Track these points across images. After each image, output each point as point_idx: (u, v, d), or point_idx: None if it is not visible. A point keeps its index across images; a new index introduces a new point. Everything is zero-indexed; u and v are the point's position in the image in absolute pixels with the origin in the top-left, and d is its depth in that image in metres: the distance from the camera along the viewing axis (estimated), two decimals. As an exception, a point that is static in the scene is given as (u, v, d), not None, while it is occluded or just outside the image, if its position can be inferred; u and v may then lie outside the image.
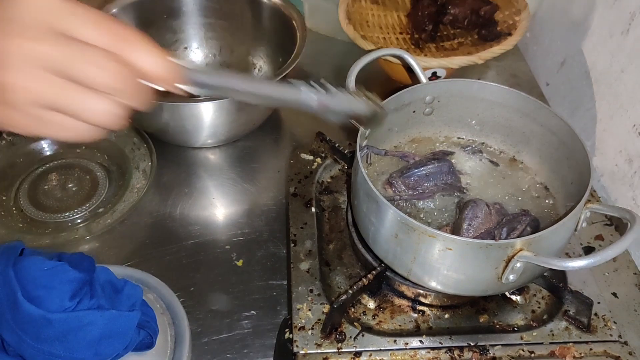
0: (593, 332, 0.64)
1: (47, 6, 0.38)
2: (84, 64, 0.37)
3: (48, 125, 0.38)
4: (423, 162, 0.70)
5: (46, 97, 0.37)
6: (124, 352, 0.57)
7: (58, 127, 0.39)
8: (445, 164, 0.70)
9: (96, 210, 0.80)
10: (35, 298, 0.52)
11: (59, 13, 0.38)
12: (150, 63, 0.40)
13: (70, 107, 0.38)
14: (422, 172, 0.69)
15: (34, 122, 0.38)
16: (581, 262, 0.52)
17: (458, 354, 0.62)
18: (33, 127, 0.38)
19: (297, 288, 0.66)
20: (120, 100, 0.39)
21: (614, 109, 0.85)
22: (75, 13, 0.38)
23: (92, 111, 0.39)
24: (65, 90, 0.38)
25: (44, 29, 0.37)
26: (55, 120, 0.38)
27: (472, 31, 1.00)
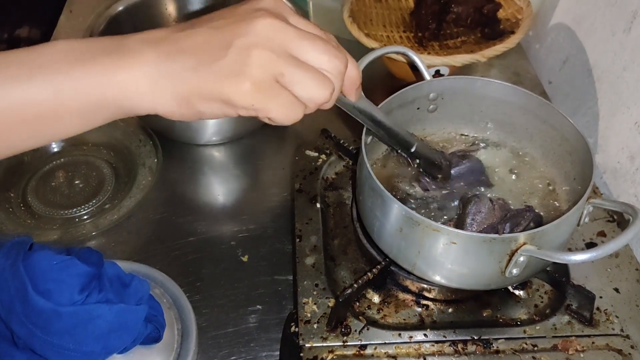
0: (595, 326, 0.64)
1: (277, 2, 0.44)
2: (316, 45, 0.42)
3: (273, 99, 0.41)
4: (455, 162, 0.71)
5: (283, 68, 0.41)
6: (132, 346, 0.57)
7: (282, 101, 0.42)
8: (477, 163, 0.71)
9: (103, 207, 0.81)
10: (45, 291, 0.53)
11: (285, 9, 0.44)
12: (354, 68, 0.46)
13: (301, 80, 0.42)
14: (456, 172, 0.70)
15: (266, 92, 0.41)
16: (584, 256, 0.53)
17: (462, 347, 0.63)
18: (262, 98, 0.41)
19: (302, 282, 0.67)
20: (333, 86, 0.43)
21: (616, 107, 0.86)
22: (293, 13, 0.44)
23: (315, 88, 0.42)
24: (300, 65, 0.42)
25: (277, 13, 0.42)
26: (282, 95, 0.42)
27: (475, 29, 1.00)
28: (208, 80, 0.40)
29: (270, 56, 0.40)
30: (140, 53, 0.40)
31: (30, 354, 0.54)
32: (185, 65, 0.40)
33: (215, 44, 0.40)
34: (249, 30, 0.40)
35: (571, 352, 0.62)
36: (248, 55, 0.40)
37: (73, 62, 0.40)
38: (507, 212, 0.67)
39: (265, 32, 0.40)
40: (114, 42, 0.41)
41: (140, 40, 0.41)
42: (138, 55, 0.40)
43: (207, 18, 0.43)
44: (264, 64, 0.40)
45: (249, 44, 0.40)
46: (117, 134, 0.89)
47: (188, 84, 0.40)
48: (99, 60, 0.40)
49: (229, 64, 0.40)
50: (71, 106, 0.40)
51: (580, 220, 0.62)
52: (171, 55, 0.40)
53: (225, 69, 0.40)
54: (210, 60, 0.40)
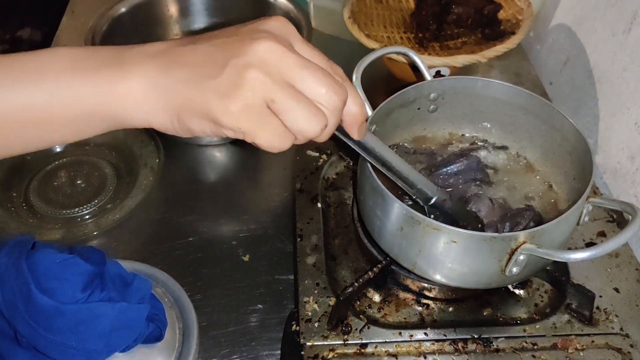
0: (595, 325, 0.65)
1: (285, 25, 0.43)
2: (315, 75, 0.41)
3: (261, 125, 0.40)
4: (452, 160, 0.71)
5: (276, 94, 0.39)
6: (134, 344, 0.58)
7: (270, 128, 0.40)
8: (474, 161, 0.71)
9: (105, 206, 0.81)
10: (47, 290, 0.53)
11: (292, 32, 0.43)
12: (357, 105, 0.44)
13: (292, 109, 0.40)
14: (451, 169, 0.70)
15: (255, 116, 0.40)
16: (584, 254, 0.53)
17: (462, 345, 0.63)
18: (250, 122, 0.40)
19: (303, 281, 0.67)
20: (326, 122, 0.42)
21: (616, 107, 0.86)
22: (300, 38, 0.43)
23: (306, 120, 0.41)
24: (294, 94, 0.40)
25: (282, 37, 0.41)
26: (271, 122, 0.40)
27: (475, 30, 1.00)
28: (198, 96, 0.40)
29: (264, 80, 0.39)
30: (140, 65, 0.40)
31: (33, 352, 0.54)
32: (179, 79, 0.40)
33: (213, 61, 0.40)
34: (248, 51, 0.39)
35: (571, 351, 0.63)
36: (242, 76, 0.39)
37: (72, 71, 0.40)
38: (507, 212, 0.67)
39: (264, 55, 0.39)
40: (115, 53, 0.41)
41: (141, 52, 0.41)
42: (137, 68, 0.40)
43: (210, 35, 0.43)
44: (256, 87, 0.39)
45: (245, 64, 0.39)
46: (119, 134, 0.90)
47: (179, 98, 0.40)
48: (99, 70, 0.40)
49: (221, 83, 0.39)
50: (66, 114, 0.41)
51: (580, 219, 0.63)
52: (169, 69, 0.40)
53: (217, 87, 0.39)
54: (204, 77, 0.40)
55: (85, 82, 0.40)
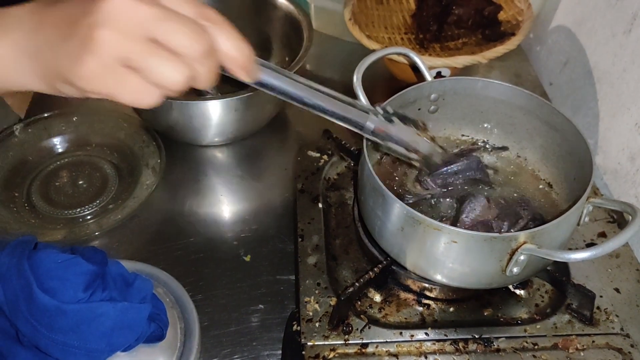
0: (595, 325, 0.65)
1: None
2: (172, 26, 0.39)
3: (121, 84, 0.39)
4: (452, 160, 0.71)
5: (129, 52, 0.38)
6: (135, 344, 0.58)
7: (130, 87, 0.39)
8: (474, 160, 0.71)
9: (106, 207, 0.81)
10: (49, 289, 0.53)
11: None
12: (234, 47, 0.42)
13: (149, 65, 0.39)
14: (451, 169, 0.70)
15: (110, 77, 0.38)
16: (584, 254, 0.53)
17: (463, 345, 0.63)
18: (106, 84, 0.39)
19: (304, 281, 0.68)
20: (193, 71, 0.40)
21: (616, 108, 0.86)
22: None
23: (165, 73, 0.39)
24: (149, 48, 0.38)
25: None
26: (129, 80, 0.39)
27: (476, 31, 1.01)
28: (53, 60, 0.39)
29: (115, 38, 0.37)
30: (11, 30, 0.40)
31: (34, 351, 0.55)
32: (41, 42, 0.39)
33: (66, 22, 0.38)
34: (97, 9, 0.37)
35: (571, 351, 0.63)
36: (90, 37, 0.37)
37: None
38: (504, 210, 0.67)
39: (114, 11, 0.37)
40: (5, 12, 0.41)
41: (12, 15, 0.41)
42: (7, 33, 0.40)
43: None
44: (106, 47, 0.37)
45: (94, 23, 0.37)
46: (121, 134, 0.90)
47: (43, 61, 0.40)
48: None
49: (71, 45, 0.38)
50: None
51: (580, 219, 0.63)
52: (35, 32, 0.40)
53: (68, 49, 0.38)
54: (58, 40, 0.38)
55: None
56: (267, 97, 0.85)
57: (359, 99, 0.70)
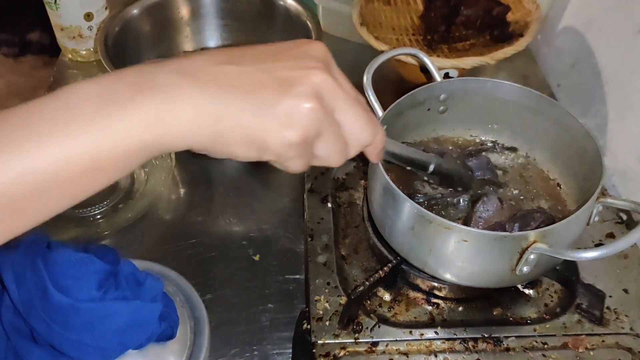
0: (605, 324, 0.65)
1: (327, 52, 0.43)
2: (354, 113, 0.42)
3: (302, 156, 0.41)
4: (461, 160, 0.72)
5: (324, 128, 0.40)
6: (147, 342, 0.58)
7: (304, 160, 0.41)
8: (483, 160, 0.72)
9: (117, 206, 0.82)
10: (63, 287, 0.53)
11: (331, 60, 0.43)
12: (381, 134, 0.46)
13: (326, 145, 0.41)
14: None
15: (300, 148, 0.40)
16: (594, 253, 0.54)
17: (472, 344, 0.63)
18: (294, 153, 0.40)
19: (314, 280, 0.68)
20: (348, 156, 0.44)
21: (624, 109, 0.86)
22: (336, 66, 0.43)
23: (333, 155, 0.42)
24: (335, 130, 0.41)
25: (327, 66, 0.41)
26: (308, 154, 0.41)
27: (484, 32, 1.01)
28: (257, 124, 0.38)
29: (321, 114, 0.39)
30: (178, 87, 0.37)
31: (48, 349, 0.55)
32: (231, 105, 0.38)
33: (267, 88, 0.38)
34: (306, 81, 0.39)
35: (581, 350, 0.63)
36: (302, 108, 0.38)
37: (105, 109, 0.36)
38: (517, 212, 0.68)
39: (320, 86, 0.39)
40: (142, 76, 0.38)
41: (173, 71, 0.38)
42: (176, 90, 0.37)
43: (249, 54, 0.41)
44: (315, 121, 0.39)
45: (305, 95, 0.38)
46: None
47: (230, 124, 0.38)
48: (133, 102, 0.36)
49: (281, 113, 0.38)
50: (112, 157, 0.37)
51: (590, 219, 0.63)
52: (217, 94, 0.38)
53: (278, 117, 0.38)
54: (261, 106, 0.38)
55: (125, 118, 0.36)
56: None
57: (369, 99, 0.71)
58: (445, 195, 0.71)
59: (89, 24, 1.00)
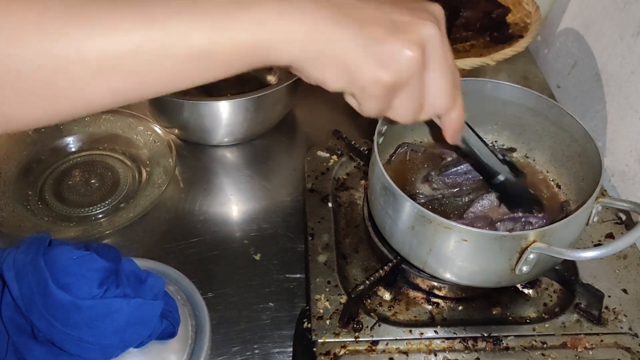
0: (604, 324, 0.65)
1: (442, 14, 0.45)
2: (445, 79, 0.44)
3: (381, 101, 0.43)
4: (462, 160, 0.72)
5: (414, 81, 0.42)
6: (148, 340, 0.58)
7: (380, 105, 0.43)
8: None
9: (118, 205, 0.82)
10: (65, 285, 0.54)
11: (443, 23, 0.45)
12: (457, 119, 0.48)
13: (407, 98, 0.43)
14: (461, 169, 0.71)
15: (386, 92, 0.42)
16: (593, 253, 0.54)
17: (472, 343, 0.63)
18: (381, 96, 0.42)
19: (315, 279, 0.68)
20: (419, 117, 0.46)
21: (624, 110, 0.87)
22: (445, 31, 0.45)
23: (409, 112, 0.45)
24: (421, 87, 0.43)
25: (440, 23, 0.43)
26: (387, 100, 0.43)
27: (484, 34, 1.01)
28: (358, 56, 0.40)
29: (418, 65, 0.40)
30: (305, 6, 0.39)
31: (49, 346, 0.55)
32: (343, 33, 0.40)
33: (380, 26, 0.40)
34: (417, 29, 0.40)
35: (580, 350, 0.63)
36: (404, 53, 0.40)
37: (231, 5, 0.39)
38: (513, 214, 0.68)
39: (428, 39, 0.41)
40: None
41: None
42: (297, 5, 0.39)
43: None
44: (409, 70, 0.40)
45: (410, 41, 0.40)
46: (133, 134, 0.91)
47: (337, 50, 0.40)
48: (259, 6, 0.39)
49: (384, 51, 0.40)
50: (224, 50, 0.39)
51: (589, 219, 0.63)
52: (335, 17, 0.40)
53: (379, 53, 0.40)
54: (369, 39, 0.40)
55: (246, 14, 0.39)
56: (276, 97, 0.87)
57: None
58: (446, 195, 0.71)
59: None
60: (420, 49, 0.40)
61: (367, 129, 0.88)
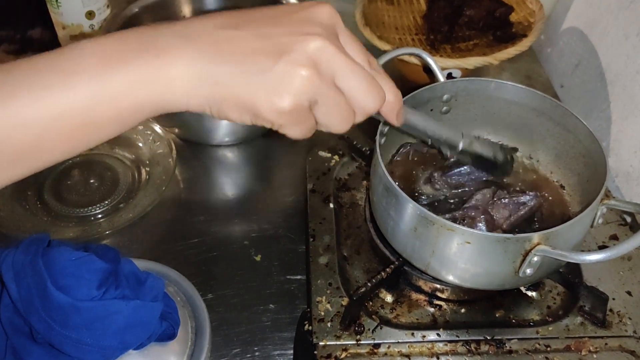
0: (608, 327, 0.65)
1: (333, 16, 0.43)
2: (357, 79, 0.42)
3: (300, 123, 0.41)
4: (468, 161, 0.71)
5: (320, 95, 0.40)
6: (148, 342, 0.58)
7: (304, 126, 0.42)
8: None
9: (118, 205, 0.82)
10: (63, 287, 0.53)
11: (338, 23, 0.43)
12: (394, 97, 0.46)
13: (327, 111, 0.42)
14: (464, 170, 0.70)
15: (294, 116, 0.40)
16: (598, 256, 0.53)
17: (475, 346, 0.63)
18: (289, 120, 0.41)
19: (316, 281, 0.68)
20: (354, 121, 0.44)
21: (628, 110, 0.86)
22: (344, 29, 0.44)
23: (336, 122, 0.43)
24: (335, 95, 0.41)
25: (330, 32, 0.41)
26: (308, 121, 0.42)
27: (487, 32, 1.01)
28: (246, 91, 0.39)
29: (314, 81, 0.39)
30: (178, 50, 0.39)
31: (48, 348, 0.55)
32: (226, 70, 0.39)
33: (261, 54, 0.39)
34: (299, 48, 0.39)
35: (584, 353, 0.62)
36: (293, 75, 0.39)
37: (107, 66, 0.38)
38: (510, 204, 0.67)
39: (316, 54, 0.39)
40: (145, 38, 0.39)
41: (175, 34, 0.39)
42: (175, 53, 0.39)
43: (251, 19, 0.41)
44: (307, 89, 0.39)
45: (298, 63, 0.39)
46: (132, 134, 0.90)
47: (225, 89, 0.39)
48: (135, 61, 0.38)
49: (271, 79, 0.39)
50: (109, 112, 0.39)
51: (594, 221, 0.63)
52: (214, 58, 0.39)
53: (267, 83, 0.39)
54: (253, 71, 0.39)
55: (125, 76, 0.38)
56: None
57: None
58: (449, 197, 0.70)
59: (91, 22, 0.99)
60: (311, 64, 0.39)
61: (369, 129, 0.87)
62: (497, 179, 0.71)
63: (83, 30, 1.00)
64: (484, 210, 0.66)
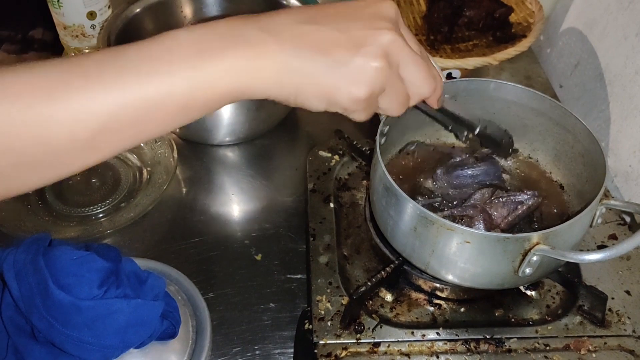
0: (607, 326, 0.65)
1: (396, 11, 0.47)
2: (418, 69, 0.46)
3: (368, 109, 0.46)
4: (470, 164, 0.72)
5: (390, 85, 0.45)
6: (149, 341, 0.58)
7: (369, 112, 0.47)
8: (492, 168, 0.72)
9: (119, 205, 0.82)
10: (65, 286, 0.53)
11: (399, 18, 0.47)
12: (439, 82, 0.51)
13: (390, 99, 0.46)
14: (468, 172, 0.71)
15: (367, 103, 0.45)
16: (597, 255, 0.53)
17: (474, 345, 0.63)
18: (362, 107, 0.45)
19: (316, 280, 0.68)
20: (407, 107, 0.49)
21: (627, 110, 0.86)
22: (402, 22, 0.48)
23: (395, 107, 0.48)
24: (399, 87, 0.46)
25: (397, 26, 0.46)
26: (373, 107, 0.47)
27: (486, 33, 1.01)
28: (328, 81, 0.43)
29: (386, 72, 0.43)
30: (266, 42, 0.42)
31: (49, 347, 0.55)
32: (309, 62, 0.42)
33: (340, 47, 0.43)
34: (374, 41, 0.43)
35: (583, 352, 0.63)
36: (369, 66, 0.43)
37: (200, 54, 0.41)
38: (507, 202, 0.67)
39: (388, 46, 0.43)
40: (235, 30, 0.42)
41: (261, 28, 0.43)
42: (264, 45, 0.42)
43: (326, 14, 0.45)
44: (381, 79, 0.43)
45: (373, 55, 0.43)
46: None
47: (307, 79, 0.43)
48: (229, 51, 0.41)
49: (351, 70, 0.43)
50: (202, 98, 0.42)
51: (593, 221, 0.63)
52: (298, 51, 0.42)
53: (347, 74, 0.43)
54: (334, 63, 0.42)
55: (221, 64, 0.41)
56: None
57: None
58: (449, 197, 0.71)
59: (92, 22, 1.00)
60: (384, 56, 0.43)
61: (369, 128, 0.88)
62: (499, 183, 0.72)
63: (84, 30, 1.00)
64: (482, 209, 0.66)
